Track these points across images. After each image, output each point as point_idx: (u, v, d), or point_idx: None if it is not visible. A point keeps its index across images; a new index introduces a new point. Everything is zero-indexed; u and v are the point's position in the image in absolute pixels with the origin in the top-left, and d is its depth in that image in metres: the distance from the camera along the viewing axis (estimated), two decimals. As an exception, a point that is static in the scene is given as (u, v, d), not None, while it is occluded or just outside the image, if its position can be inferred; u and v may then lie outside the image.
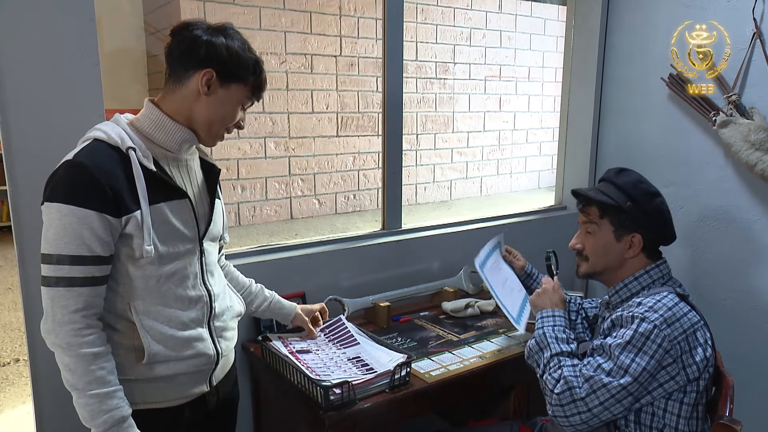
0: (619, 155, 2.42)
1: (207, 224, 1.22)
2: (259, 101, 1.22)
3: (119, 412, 1.06)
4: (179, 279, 1.15)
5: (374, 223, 4.39)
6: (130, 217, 1.06)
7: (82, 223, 1.02)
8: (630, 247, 1.34)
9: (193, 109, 1.14)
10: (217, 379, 1.26)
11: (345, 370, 1.42)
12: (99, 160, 1.05)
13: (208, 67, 1.11)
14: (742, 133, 1.91)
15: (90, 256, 1.04)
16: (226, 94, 1.14)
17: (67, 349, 1.04)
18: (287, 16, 4.56)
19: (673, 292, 1.27)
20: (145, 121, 1.14)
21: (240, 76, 1.14)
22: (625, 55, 2.35)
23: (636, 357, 1.19)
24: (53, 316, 1.04)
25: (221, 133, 1.20)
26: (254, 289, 1.50)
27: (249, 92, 1.18)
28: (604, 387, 1.19)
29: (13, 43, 1.30)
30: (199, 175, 1.25)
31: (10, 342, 3.34)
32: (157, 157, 1.14)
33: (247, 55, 1.15)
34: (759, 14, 1.90)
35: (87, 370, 1.04)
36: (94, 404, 1.04)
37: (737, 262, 2.07)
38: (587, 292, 2.61)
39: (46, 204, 1.04)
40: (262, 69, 1.18)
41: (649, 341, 1.19)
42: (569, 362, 1.26)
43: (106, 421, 1.05)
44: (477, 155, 5.94)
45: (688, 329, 1.21)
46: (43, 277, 1.04)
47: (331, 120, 4.94)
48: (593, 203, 1.37)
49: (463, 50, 5.62)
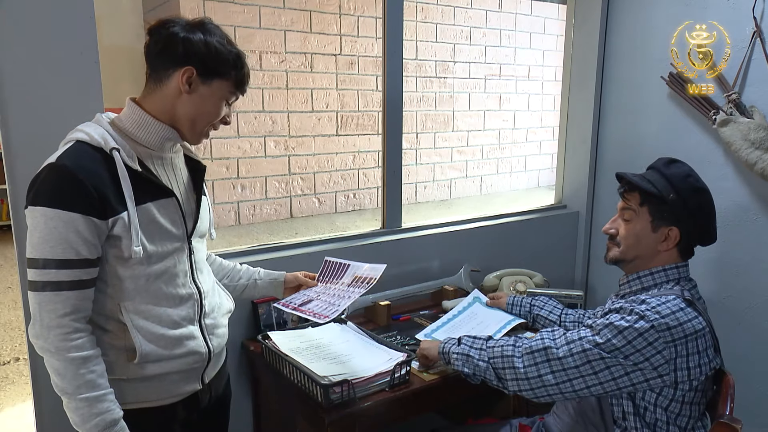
0: (619, 154, 2.42)
1: (194, 222, 1.22)
2: (244, 95, 1.20)
3: (110, 415, 1.05)
4: (169, 277, 1.15)
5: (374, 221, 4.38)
6: (116, 218, 1.05)
7: (67, 226, 1.01)
8: (665, 239, 1.31)
9: (176, 108, 1.12)
10: (210, 376, 1.26)
11: (349, 296, 1.39)
12: (83, 162, 1.03)
13: (188, 64, 1.09)
14: (742, 132, 1.91)
15: (76, 260, 1.02)
16: (208, 90, 1.12)
17: (55, 354, 1.03)
18: (287, 15, 4.55)
19: (680, 296, 1.24)
20: (127, 120, 1.13)
21: (221, 72, 1.12)
22: (625, 54, 2.35)
23: (621, 342, 1.19)
24: (41, 321, 1.03)
25: (206, 131, 1.18)
26: (240, 268, 1.49)
27: (232, 87, 1.15)
28: (584, 352, 1.20)
29: (13, 41, 1.30)
30: (185, 172, 1.24)
31: (10, 341, 3.34)
32: (142, 157, 1.12)
33: (227, 50, 1.12)
34: (759, 13, 1.90)
35: (76, 374, 1.03)
36: (84, 408, 1.04)
37: (737, 261, 2.07)
38: (587, 294, 2.61)
39: (30, 208, 1.02)
40: (243, 63, 1.16)
41: (641, 338, 1.18)
42: (529, 334, 1.28)
43: (97, 425, 1.04)
44: (477, 154, 5.94)
45: (690, 335, 1.19)
46: (30, 281, 1.03)
47: (330, 119, 4.93)
48: (635, 189, 1.33)
49: (463, 49, 5.62)
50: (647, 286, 1.33)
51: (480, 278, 2.14)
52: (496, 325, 1.71)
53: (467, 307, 1.83)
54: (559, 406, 1.48)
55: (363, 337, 1.59)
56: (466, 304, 1.85)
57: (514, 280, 2.10)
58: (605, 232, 1.41)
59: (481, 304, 1.86)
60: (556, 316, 1.70)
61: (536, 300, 1.77)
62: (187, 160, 1.26)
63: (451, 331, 1.70)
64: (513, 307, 1.79)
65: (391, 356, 1.47)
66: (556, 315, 1.70)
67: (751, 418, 1.71)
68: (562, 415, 1.44)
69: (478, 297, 1.89)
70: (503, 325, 1.71)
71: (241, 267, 1.49)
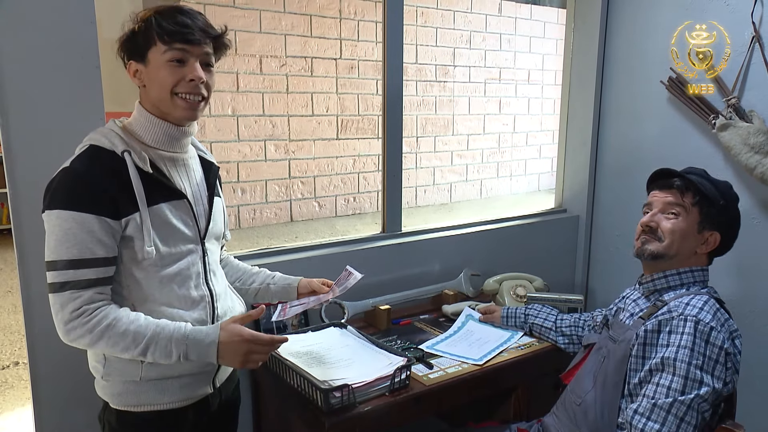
0: (619, 158, 2.42)
1: (207, 223, 1.22)
2: (191, 44, 1.08)
3: (177, 333, 1.07)
4: (182, 279, 1.15)
5: (374, 225, 4.39)
6: (129, 219, 1.07)
7: (82, 227, 1.03)
8: (704, 242, 1.33)
9: (150, 99, 1.13)
10: (220, 380, 1.26)
11: (327, 297, 1.35)
12: (95, 164, 1.06)
13: (127, 60, 1.11)
14: (741, 136, 1.91)
15: (92, 259, 1.04)
16: (151, 67, 1.09)
17: (89, 336, 1.04)
18: (287, 19, 4.57)
19: (713, 298, 1.27)
20: (135, 123, 1.15)
21: (145, 44, 1.08)
22: (624, 58, 2.35)
23: (704, 364, 1.17)
24: (64, 320, 1.04)
25: (178, 100, 1.10)
26: (255, 271, 1.47)
27: (164, 47, 1.07)
28: (682, 404, 1.16)
29: (14, 45, 1.30)
30: (199, 173, 1.24)
31: (10, 345, 3.34)
32: (154, 159, 1.13)
33: (136, 22, 1.09)
34: (758, 17, 1.91)
35: (120, 338, 1.04)
36: (157, 352, 1.06)
37: (737, 265, 2.06)
38: (587, 298, 2.61)
39: (47, 212, 1.05)
40: (152, 20, 1.06)
41: (710, 345, 1.18)
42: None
43: (179, 351, 1.06)
44: (477, 158, 5.95)
45: (734, 333, 1.23)
46: (50, 284, 1.05)
47: (331, 123, 4.94)
48: (691, 188, 1.33)
49: (463, 53, 5.63)
50: (673, 286, 1.34)
51: (480, 282, 2.14)
52: (495, 342, 1.70)
53: (461, 327, 1.81)
54: (558, 406, 1.48)
55: (363, 342, 1.59)
56: (459, 323, 1.83)
57: (514, 284, 2.09)
58: (645, 225, 1.37)
59: (474, 320, 1.84)
60: (551, 322, 1.70)
61: (530, 309, 1.77)
62: (202, 162, 1.27)
63: (449, 347, 1.68)
64: (508, 320, 1.78)
65: (391, 360, 1.46)
66: (552, 321, 1.70)
67: (753, 424, 1.70)
68: (562, 416, 1.43)
69: (471, 314, 1.87)
70: (503, 341, 1.70)
71: (256, 270, 1.47)
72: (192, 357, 1.08)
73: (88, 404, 1.24)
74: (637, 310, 1.37)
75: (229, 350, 1.09)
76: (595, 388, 1.35)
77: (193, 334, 1.08)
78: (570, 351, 1.65)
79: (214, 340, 1.09)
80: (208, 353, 1.09)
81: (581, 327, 1.66)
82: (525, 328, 1.75)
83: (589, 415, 1.34)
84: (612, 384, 1.31)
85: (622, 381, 1.29)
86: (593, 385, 1.35)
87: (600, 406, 1.32)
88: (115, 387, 1.14)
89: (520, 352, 1.65)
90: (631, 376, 1.27)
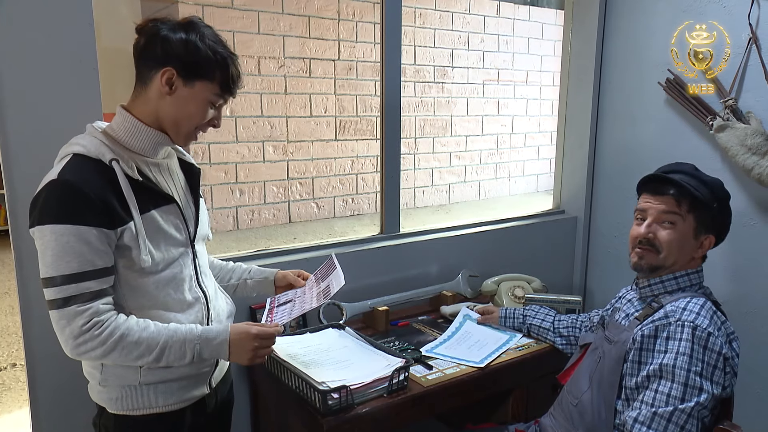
0: (617, 159, 2.43)
1: (195, 226, 1.22)
2: (233, 98, 1.16)
3: (190, 335, 1.09)
4: (177, 283, 1.15)
5: (372, 226, 4.38)
6: (124, 228, 1.05)
7: (79, 240, 1.00)
8: (701, 247, 1.32)
9: (159, 110, 1.10)
10: (216, 380, 1.27)
11: (303, 308, 1.33)
12: (84, 175, 1.03)
13: (168, 65, 1.06)
14: (738, 138, 1.92)
15: (93, 270, 1.02)
16: (190, 92, 1.09)
17: (101, 349, 1.03)
18: (286, 20, 4.56)
19: (710, 301, 1.27)
20: (119, 129, 1.11)
21: (203, 73, 1.09)
22: (622, 59, 2.36)
23: (703, 370, 1.17)
24: (73, 335, 1.01)
25: (192, 133, 1.15)
26: (231, 267, 1.47)
27: (216, 89, 1.11)
28: (683, 412, 1.15)
29: (12, 47, 1.30)
30: (181, 176, 1.24)
31: (7, 346, 3.33)
32: (139, 165, 1.11)
33: (212, 50, 1.08)
34: (754, 19, 1.91)
35: (134, 347, 1.04)
36: (171, 356, 1.07)
37: (734, 266, 2.07)
38: (585, 299, 2.61)
39: (38, 228, 1.01)
40: (230, 64, 1.11)
41: (708, 350, 1.17)
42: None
43: (193, 352, 1.09)
44: (475, 159, 5.95)
45: (731, 336, 1.24)
46: (50, 301, 1.02)
47: (329, 124, 4.94)
48: (687, 196, 1.29)
49: (461, 54, 5.63)
50: (671, 290, 1.32)
51: (478, 283, 2.14)
52: (494, 344, 1.70)
53: (459, 328, 1.81)
54: (556, 407, 1.48)
55: (361, 343, 1.59)
56: (457, 324, 1.83)
57: (513, 285, 2.10)
58: (642, 237, 1.32)
59: (472, 321, 1.84)
60: (549, 323, 1.70)
61: (528, 310, 1.77)
62: (181, 164, 1.26)
63: (449, 350, 1.68)
64: (506, 321, 1.78)
65: (389, 362, 1.46)
66: (549, 322, 1.70)
67: (750, 424, 1.71)
68: (559, 416, 1.44)
69: (468, 315, 1.87)
70: (502, 343, 1.70)
71: (232, 266, 1.47)
72: (205, 356, 1.11)
73: (86, 406, 1.23)
74: (633, 310, 1.37)
75: (239, 347, 1.14)
76: (591, 389, 1.35)
77: (205, 334, 1.11)
78: (567, 352, 1.65)
79: (225, 338, 1.13)
80: (220, 351, 1.13)
81: (579, 328, 1.66)
82: (523, 329, 1.75)
83: (586, 415, 1.34)
84: (608, 384, 1.31)
85: (618, 381, 1.29)
86: (589, 385, 1.36)
87: (597, 407, 1.32)
88: (113, 392, 1.13)
89: (518, 353, 1.65)
90: (627, 379, 1.27)
